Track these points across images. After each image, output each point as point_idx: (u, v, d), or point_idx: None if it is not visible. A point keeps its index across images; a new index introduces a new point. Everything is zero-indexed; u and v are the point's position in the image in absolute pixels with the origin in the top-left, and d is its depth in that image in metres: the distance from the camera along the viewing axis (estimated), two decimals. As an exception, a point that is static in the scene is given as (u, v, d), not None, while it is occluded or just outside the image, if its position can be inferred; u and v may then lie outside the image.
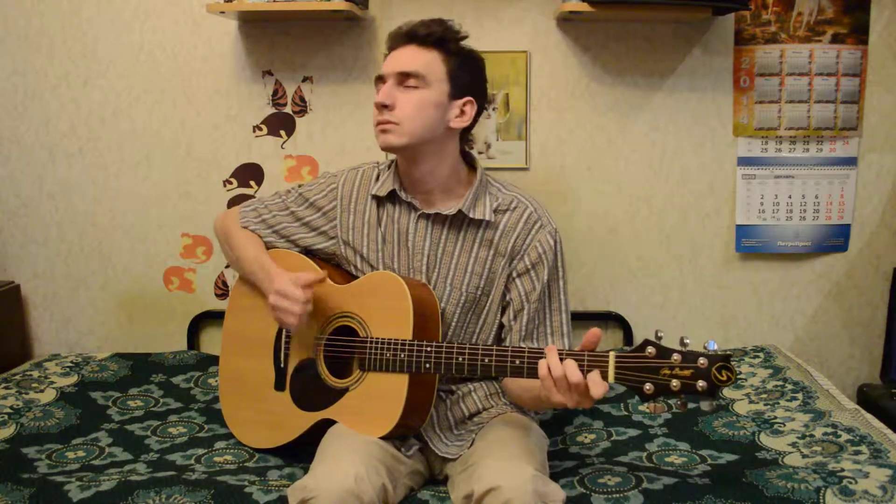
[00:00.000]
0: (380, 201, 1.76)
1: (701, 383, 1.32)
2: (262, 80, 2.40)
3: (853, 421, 1.78)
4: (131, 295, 2.52)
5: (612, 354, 1.38)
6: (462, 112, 1.69)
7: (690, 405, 1.36)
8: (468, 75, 1.69)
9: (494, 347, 1.52)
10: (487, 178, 1.76)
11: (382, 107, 1.65)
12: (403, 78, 1.65)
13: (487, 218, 1.70)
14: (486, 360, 1.51)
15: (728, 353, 1.35)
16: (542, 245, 1.70)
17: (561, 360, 1.39)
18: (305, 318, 1.66)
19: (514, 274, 1.71)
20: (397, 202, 1.75)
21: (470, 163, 1.78)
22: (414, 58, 1.66)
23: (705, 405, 1.34)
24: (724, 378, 1.32)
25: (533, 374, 1.44)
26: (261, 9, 2.17)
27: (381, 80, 1.69)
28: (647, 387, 1.35)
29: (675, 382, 1.33)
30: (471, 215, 1.70)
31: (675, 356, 1.34)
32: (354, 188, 1.79)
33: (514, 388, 1.68)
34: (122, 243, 2.50)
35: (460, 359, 1.54)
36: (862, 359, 2.47)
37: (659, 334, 1.37)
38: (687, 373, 1.33)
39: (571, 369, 1.37)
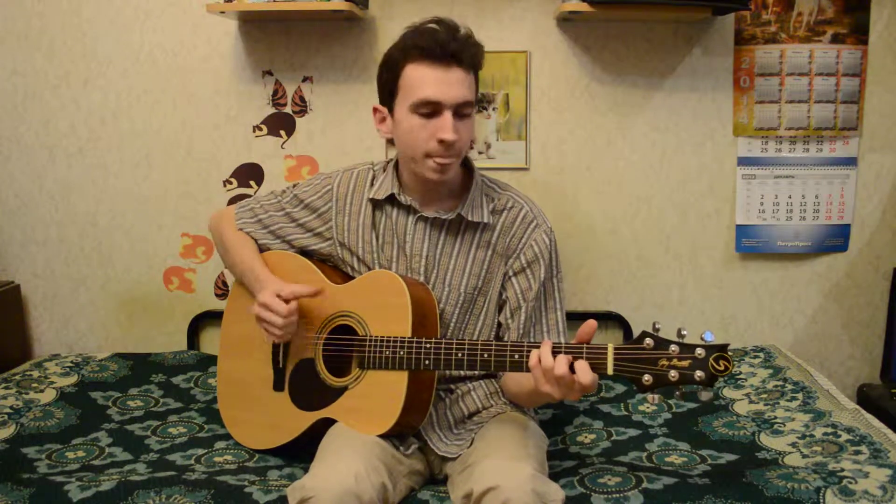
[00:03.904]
0: (376, 203, 1.76)
1: (699, 373, 1.33)
2: (262, 80, 2.40)
3: (853, 421, 1.78)
4: (131, 295, 2.52)
5: (610, 346, 1.39)
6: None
7: (689, 404, 1.35)
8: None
9: (494, 342, 1.52)
10: (483, 178, 1.76)
11: (449, 144, 1.56)
12: (461, 107, 1.58)
13: (486, 220, 1.70)
14: (486, 356, 1.51)
15: (725, 343, 1.35)
16: (538, 244, 1.70)
17: (556, 354, 1.40)
18: (292, 330, 1.66)
19: (511, 272, 1.71)
20: (395, 204, 1.74)
21: (465, 163, 1.77)
22: (465, 84, 1.57)
23: (703, 395, 1.35)
24: (722, 367, 1.33)
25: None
26: (261, 9, 2.17)
27: (426, 105, 1.56)
28: (646, 378, 1.35)
29: (673, 373, 1.34)
30: (469, 218, 1.70)
31: (673, 347, 1.35)
32: (349, 190, 1.79)
33: (511, 386, 1.69)
34: (122, 243, 2.50)
35: (459, 354, 1.54)
36: (862, 359, 2.47)
37: (657, 326, 1.38)
38: (685, 363, 1.34)
39: (559, 363, 1.38)
